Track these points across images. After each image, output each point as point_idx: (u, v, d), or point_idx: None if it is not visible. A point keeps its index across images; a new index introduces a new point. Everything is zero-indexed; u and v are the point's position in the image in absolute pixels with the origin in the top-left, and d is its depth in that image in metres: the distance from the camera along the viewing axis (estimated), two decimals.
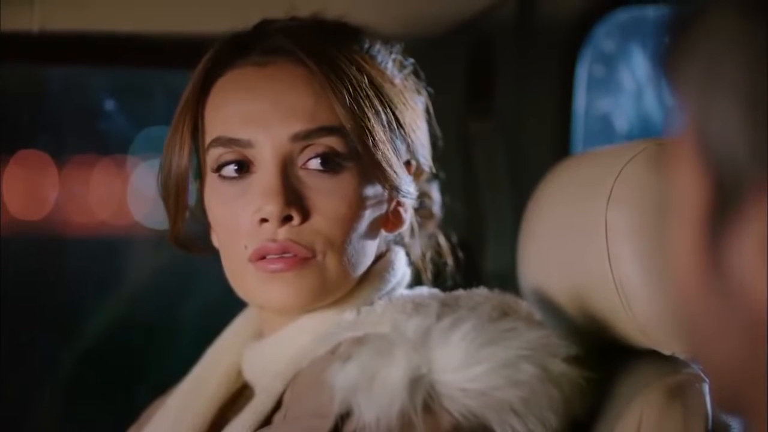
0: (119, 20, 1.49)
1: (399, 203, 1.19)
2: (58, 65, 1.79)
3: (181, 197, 1.17)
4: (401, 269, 1.20)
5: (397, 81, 1.19)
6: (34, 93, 2.01)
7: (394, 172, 1.14)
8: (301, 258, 1.10)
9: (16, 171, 2.03)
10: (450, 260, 1.30)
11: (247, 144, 1.11)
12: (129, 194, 2.13)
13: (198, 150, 1.17)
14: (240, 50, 1.16)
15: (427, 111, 1.24)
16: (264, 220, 1.10)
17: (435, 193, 1.29)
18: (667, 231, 0.61)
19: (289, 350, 1.13)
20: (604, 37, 1.77)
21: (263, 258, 1.10)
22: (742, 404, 0.60)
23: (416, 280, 1.24)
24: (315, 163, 1.11)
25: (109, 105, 1.99)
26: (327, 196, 1.11)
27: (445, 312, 1.03)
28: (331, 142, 1.11)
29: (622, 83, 1.98)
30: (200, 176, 1.17)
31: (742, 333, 0.58)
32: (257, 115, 1.11)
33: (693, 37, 0.58)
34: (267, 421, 1.10)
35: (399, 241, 1.24)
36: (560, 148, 1.65)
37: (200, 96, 1.16)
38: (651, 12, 1.68)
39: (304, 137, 1.11)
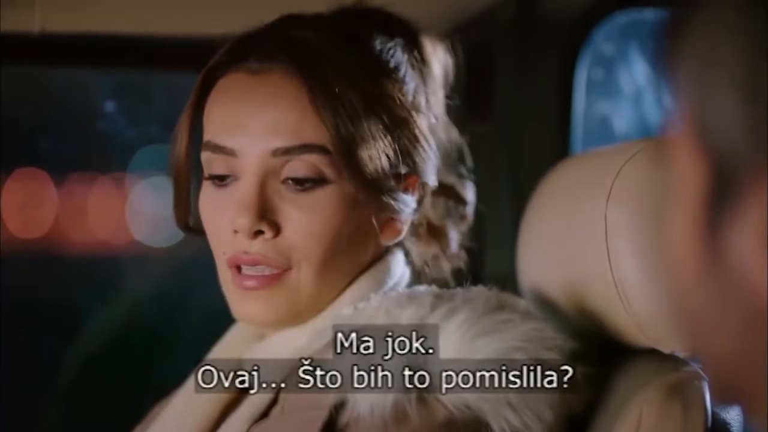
0: (121, 22, 1.49)
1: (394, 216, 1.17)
2: (59, 67, 1.79)
3: (182, 185, 1.18)
4: (399, 271, 1.19)
5: (406, 87, 1.17)
6: (34, 97, 2.01)
7: (380, 190, 1.13)
8: (274, 274, 1.10)
9: (15, 189, 2.03)
10: (449, 262, 1.30)
11: (232, 153, 1.11)
12: (128, 212, 2.13)
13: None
14: (241, 53, 1.15)
15: (436, 117, 1.23)
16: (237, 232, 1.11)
17: (470, 194, 1.28)
18: (666, 220, 0.62)
19: (289, 349, 1.13)
20: (603, 39, 1.78)
21: (238, 268, 1.11)
22: (741, 393, 0.60)
23: (416, 283, 1.24)
24: (294, 179, 1.10)
25: (110, 107, 1.99)
26: (303, 211, 1.10)
27: (440, 303, 1.03)
28: (314, 159, 1.10)
29: (621, 86, 1.99)
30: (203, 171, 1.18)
31: (741, 321, 0.58)
32: (242, 126, 1.11)
33: (691, 24, 0.58)
34: (264, 415, 1.10)
35: (398, 243, 1.23)
36: (560, 150, 1.65)
37: (201, 96, 1.16)
38: (650, 15, 1.68)
39: (284, 153, 1.10)
